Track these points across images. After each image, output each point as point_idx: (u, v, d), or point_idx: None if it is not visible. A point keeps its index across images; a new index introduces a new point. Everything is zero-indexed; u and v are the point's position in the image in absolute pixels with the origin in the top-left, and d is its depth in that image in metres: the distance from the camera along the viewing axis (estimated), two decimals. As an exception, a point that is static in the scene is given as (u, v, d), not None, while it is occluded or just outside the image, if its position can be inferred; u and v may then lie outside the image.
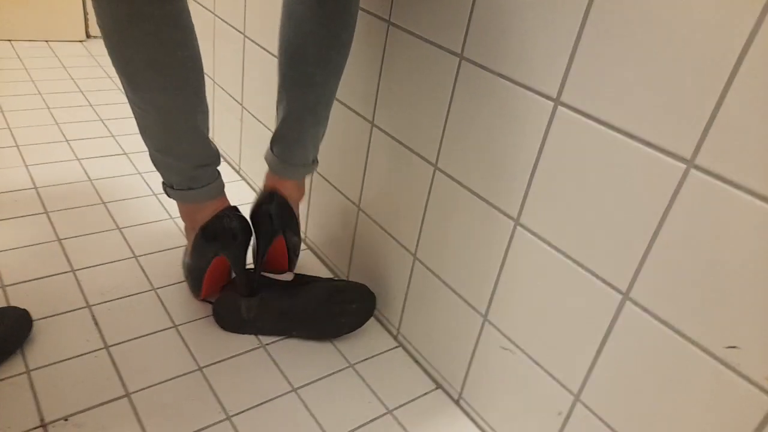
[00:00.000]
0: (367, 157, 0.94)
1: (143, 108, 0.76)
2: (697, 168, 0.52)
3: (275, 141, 0.92)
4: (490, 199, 0.74)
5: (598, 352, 0.64)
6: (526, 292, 0.72)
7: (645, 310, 0.59)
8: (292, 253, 0.98)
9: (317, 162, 0.96)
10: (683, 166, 0.53)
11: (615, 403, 0.64)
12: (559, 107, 0.63)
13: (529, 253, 0.70)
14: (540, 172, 0.67)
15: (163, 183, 0.85)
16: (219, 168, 0.87)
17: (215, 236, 0.86)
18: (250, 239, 0.89)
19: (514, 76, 0.67)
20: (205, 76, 0.80)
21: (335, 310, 0.91)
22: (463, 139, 0.76)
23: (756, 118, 0.48)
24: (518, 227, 0.71)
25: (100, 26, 0.70)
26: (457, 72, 0.74)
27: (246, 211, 0.92)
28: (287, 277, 0.96)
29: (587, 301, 0.64)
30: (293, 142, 0.90)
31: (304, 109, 0.87)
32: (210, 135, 0.85)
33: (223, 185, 0.87)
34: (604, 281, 0.62)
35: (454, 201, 0.79)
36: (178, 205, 0.88)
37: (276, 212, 0.91)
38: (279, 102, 0.89)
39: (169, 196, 0.86)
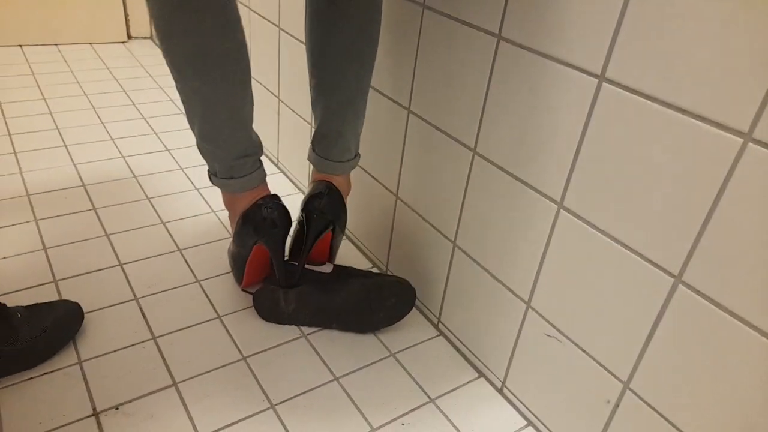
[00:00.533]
0: (404, 144, 0.93)
1: (189, 97, 0.78)
2: (756, 142, 0.49)
3: (317, 141, 0.92)
4: (532, 182, 0.72)
5: (649, 337, 0.62)
6: (571, 277, 0.70)
7: (699, 293, 0.56)
8: (334, 249, 0.98)
9: (359, 155, 0.95)
10: (740, 140, 0.50)
11: (667, 391, 0.61)
12: (604, 84, 0.60)
13: (574, 237, 0.68)
14: (584, 153, 0.64)
15: (208, 171, 0.87)
16: (261, 158, 0.88)
17: (254, 224, 0.87)
18: (289, 228, 0.90)
19: (555, 54, 0.65)
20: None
21: (374, 306, 0.90)
22: (502, 121, 0.74)
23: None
24: (562, 211, 0.69)
25: (150, 17, 0.72)
26: (495, 53, 0.72)
27: (286, 201, 0.92)
28: (326, 268, 0.96)
29: (636, 286, 0.62)
30: (335, 139, 0.90)
31: (342, 105, 0.88)
32: (249, 127, 0.85)
33: (264, 175, 0.88)
34: (654, 264, 0.60)
35: (494, 186, 0.77)
36: (222, 193, 0.89)
37: (329, 206, 0.91)
38: (315, 102, 0.90)
39: (212, 183, 0.87)
